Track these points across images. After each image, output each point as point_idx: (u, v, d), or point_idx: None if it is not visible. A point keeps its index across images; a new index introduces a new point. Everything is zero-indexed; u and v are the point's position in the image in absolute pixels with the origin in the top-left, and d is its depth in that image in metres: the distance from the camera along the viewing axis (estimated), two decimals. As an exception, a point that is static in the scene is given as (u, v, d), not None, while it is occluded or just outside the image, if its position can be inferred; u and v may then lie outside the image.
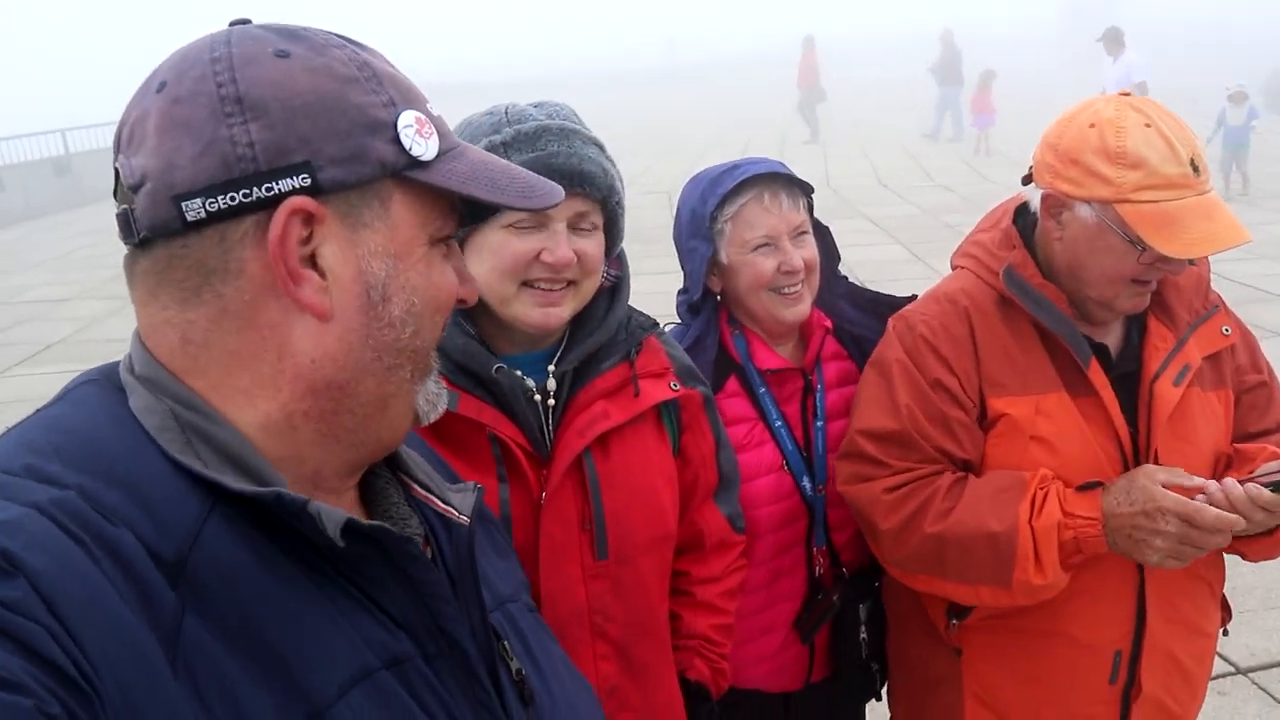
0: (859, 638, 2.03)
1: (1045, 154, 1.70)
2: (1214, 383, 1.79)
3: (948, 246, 7.91)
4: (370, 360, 0.82)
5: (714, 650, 1.80)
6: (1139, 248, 1.59)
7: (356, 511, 0.91)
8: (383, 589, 0.82)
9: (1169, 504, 1.54)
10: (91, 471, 0.73)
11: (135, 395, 0.79)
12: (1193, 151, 1.58)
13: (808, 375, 1.99)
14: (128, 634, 0.66)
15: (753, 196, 1.88)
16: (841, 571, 2.02)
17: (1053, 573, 1.63)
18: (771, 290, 1.90)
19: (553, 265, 1.47)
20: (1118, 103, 1.64)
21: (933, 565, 1.72)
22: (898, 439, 1.75)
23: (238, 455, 0.77)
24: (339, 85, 0.79)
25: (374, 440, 0.87)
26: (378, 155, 0.79)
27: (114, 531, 0.70)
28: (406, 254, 0.83)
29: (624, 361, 1.62)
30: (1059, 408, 1.71)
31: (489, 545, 1.08)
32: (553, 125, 1.50)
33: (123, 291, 3.61)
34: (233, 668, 0.71)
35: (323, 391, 0.81)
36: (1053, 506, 1.63)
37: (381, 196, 0.81)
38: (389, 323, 0.82)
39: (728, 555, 1.82)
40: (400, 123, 0.81)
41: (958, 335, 1.76)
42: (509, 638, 0.97)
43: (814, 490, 1.97)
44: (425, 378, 0.88)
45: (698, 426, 1.75)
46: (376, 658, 0.79)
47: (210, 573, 0.72)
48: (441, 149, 0.84)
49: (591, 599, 1.57)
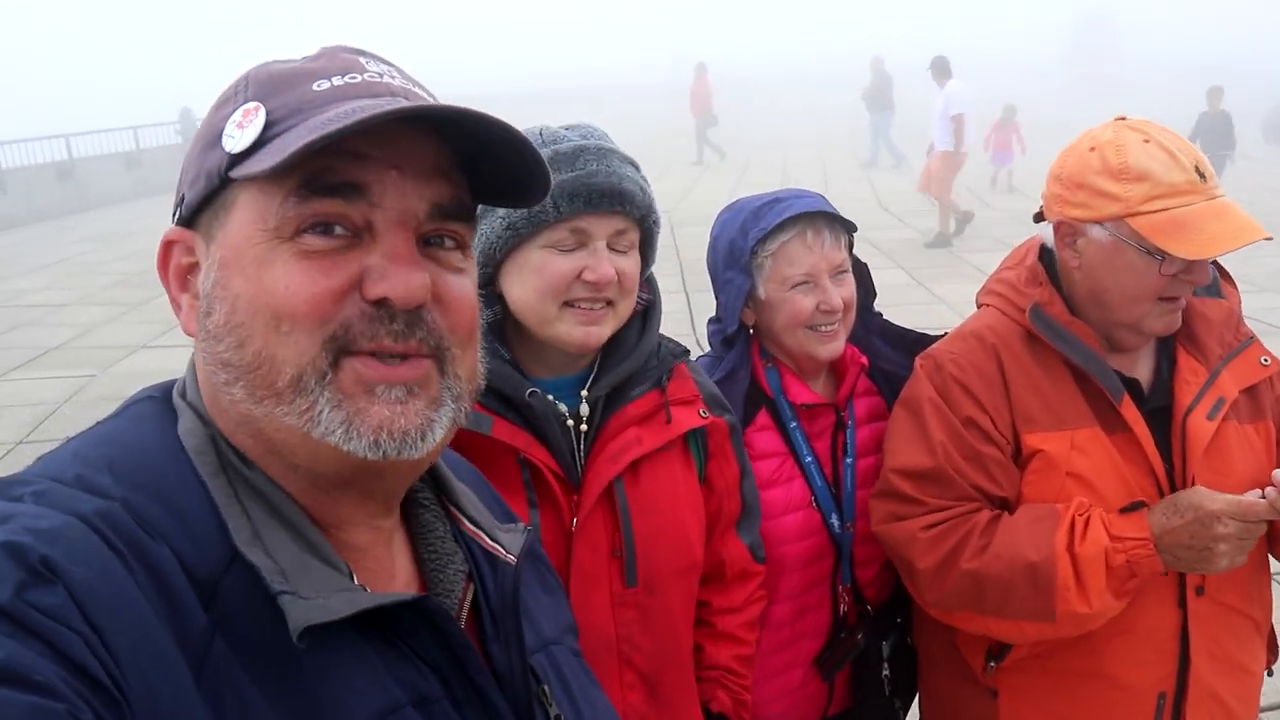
0: (881, 675, 2.01)
1: (1051, 186, 1.72)
2: (1252, 415, 1.76)
3: (949, 272, 7.94)
4: (211, 374, 0.80)
5: (736, 681, 1.78)
6: (1158, 258, 1.58)
7: (396, 545, 0.90)
8: (409, 631, 0.81)
9: (1219, 506, 1.53)
10: (138, 486, 0.74)
11: (183, 417, 0.82)
12: (1195, 159, 1.60)
13: (840, 411, 1.97)
14: (158, 646, 0.67)
15: (796, 234, 1.85)
16: (866, 609, 2.00)
17: (1099, 600, 1.59)
18: (808, 328, 1.88)
19: (595, 283, 1.47)
20: (1114, 125, 1.67)
21: (972, 602, 1.69)
22: (934, 477, 1.73)
23: (259, 489, 0.79)
24: (213, 111, 0.82)
25: (298, 469, 0.79)
26: (209, 166, 0.79)
27: (154, 546, 0.71)
28: (234, 260, 0.77)
29: (655, 388, 1.62)
30: (1093, 443, 1.68)
31: (537, 583, 1.06)
32: (590, 145, 1.50)
33: (121, 298, 3.61)
34: (256, 693, 0.71)
35: (213, 410, 0.82)
36: (1097, 532, 1.60)
37: (226, 205, 0.79)
38: (211, 335, 0.78)
39: (749, 585, 1.81)
40: (228, 124, 0.78)
41: (987, 372, 1.74)
42: (550, 681, 0.95)
43: (841, 527, 1.94)
44: (279, 399, 0.76)
45: (724, 455, 1.74)
46: (404, 695, 0.78)
47: (241, 599, 0.73)
48: (275, 132, 0.76)
49: (620, 627, 1.56)
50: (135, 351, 8.38)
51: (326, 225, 0.76)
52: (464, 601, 0.90)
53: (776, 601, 1.95)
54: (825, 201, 1.90)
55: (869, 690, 2.02)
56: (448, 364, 0.81)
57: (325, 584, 0.75)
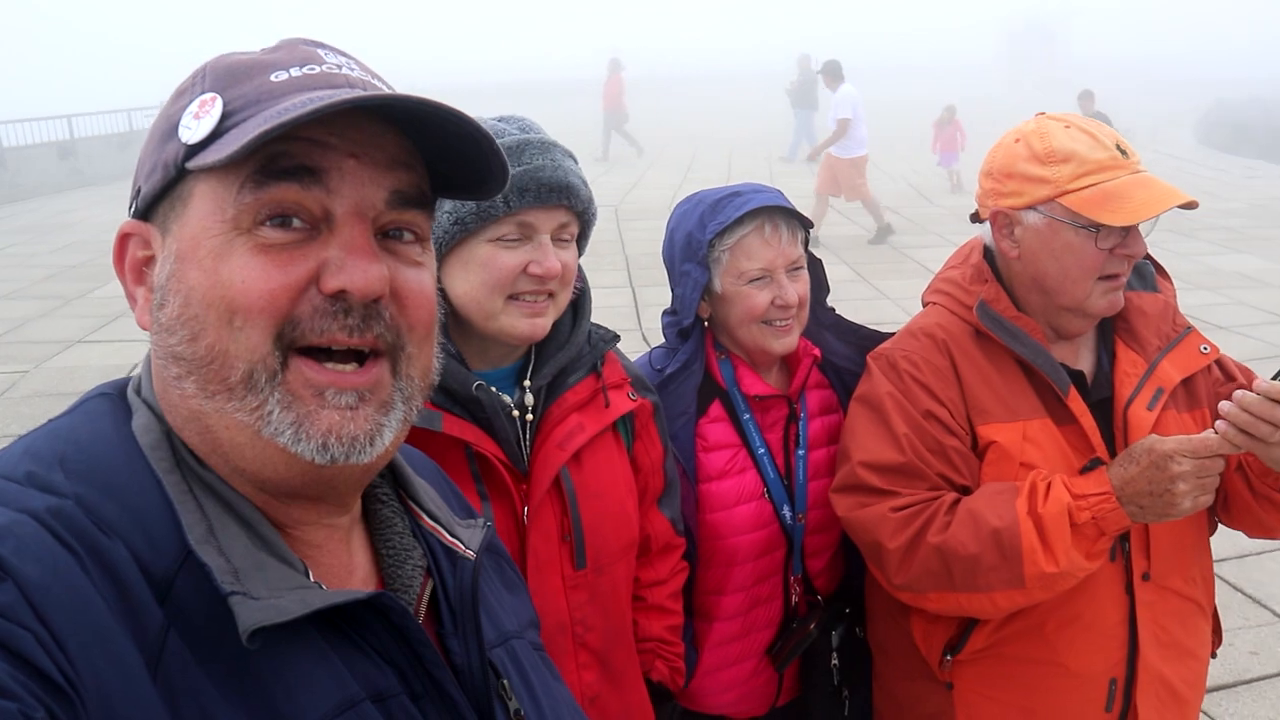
0: (830, 664, 2.03)
1: (983, 182, 1.78)
2: (1189, 405, 1.80)
3: (893, 268, 8.05)
4: (161, 368, 0.79)
5: (670, 650, 1.86)
6: (1092, 230, 1.64)
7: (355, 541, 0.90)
8: (366, 626, 0.81)
9: (1171, 445, 1.56)
10: (91, 482, 0.74)
11: (138, 414, 0.81)
12: (1115, 138, 1.68)
13: (792, 403, 1.99)
14: (113, 644, 0.66)
15: (754, 228, 1.87)
16: (816, 599, 2.03)
17: (1065, 558, 1.61)
18: (763, 323, 1.90)
19: (541, 277, 1.49)
20: (1036, 118, 1.76)
21: (941, 579, 1.69)
22: (902, 470, 1.75)
23: (213, 485, 0.79)
24: (169, 102, 0.81)
25: (246, 472, 0.78)
26: (165, 158, 0.78)
27: (108, 543, 0.70)
28: (190, 252, 0.76)
29: (591, 374, 1.66)
30: (1044, 434, 1.73)
31: (498, 579, 1.06)
32: (533, 139, 1.52)
33: (56, 291, 3.54)
34: (212, 689, 0.70)
35: (164, 406, 0.81)
36: (1059, 492, 1.63)
37: (183, 196, 0.78)
38: (163, 327, 0.77)
39: (672, 557, 1.87)
40: (185, 115, 0.77)
41: (940, 367, 1.78)
42: (510, 676, 0.95)
43: (793, 519, 1.97)
44: (231, 394, 0.75)
45: (649, 435, 1.79)
46: (361, 689, 0.78)
47: (195, 595, 0.72)
48: (232, 123, 0.75)
49: (573, 609, 1.61)
50: (71, 346, 8.17)
51: (284, 218, 0.75)
52: (422, 597, 0.90)
53: (728, 593, 1.97)
54: (783, 197, 1.92)
55: (817, 680, 2.04)
56: (401, 363, 0.80)
57: (279, 582, 0.75)
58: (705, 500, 1.92)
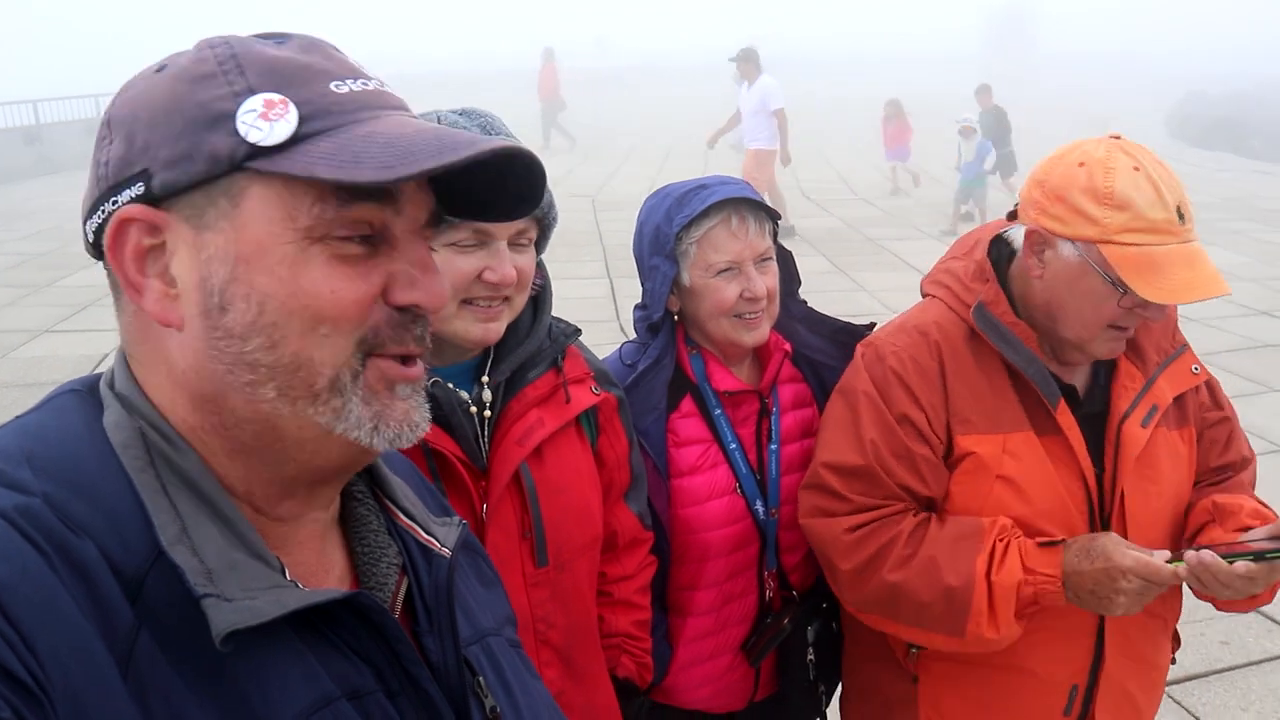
0: (806, 659, 2.03)
1: (1032, 190, 1.68)
2: (1178, 422, 1.79)
3: (870, 260, 8.08)
4: (224, 373, 0.76)
5: (637, 645, 1.85)
6: (1120, 290, 1.57)
7: (331, 539, 0.90)
8: (341, 624, 0.80)
9: (1129, 563, 1.55)
10: (60, 480, 0.72)
11: (109, 410, 0.79)
12: (1179, 199, 1.57)
13: (764, 398, 1.98)
14: (82, 644, 0.66)
15: (720, 220, 1.86)
16: (791, 594, 2.02)
17: (1006, 628, 1.64)
18: (733, 316, 1.89)
19: (497, 284, 1.47)
20: (1108, 145, 1.62)
21: (887, 610, 1.73)
22: (861, 474, 1.74)
23: (193, 481, 0.77)
24: (188, 85, 0.75)
25: (291, 462, 0.80)
26: (210, 151, 0.73)
27: (77, 542, 0.70)
28: (256, 256, 0.74)
29: (551, 369, 1.65)
30: (1026, 447, 1.70)
31: (474, 576, 1.06)
32: None
33: (22, 279, 3.46)
34: (184, 689, 0.70)
35: (201, 404, 0.78)
36: (1013, 563, 1.63)
37: (231, 194, 0.74)
38: (228, 333, 0.75)
39: (639, 552, 1.86)
40: (242, 109, 0.74)
41: (927, 369, 1.74)
42: (485, 673, 0.95)
43: (766, 514, 1.96)
44: (315, 399, 0.76)
45: (614, 429, 1.78)
46: (337, 688, 0.77)
47: (168, 594, 0.71)
48: (308, 130, 0.74)
49: (534, 607, 1.59)
50: (38, 336, 8.05)
51: (357, 232, 0.77)
52: (397, 594, 0.90)
53: (702, 588, 1.96)
54: (750, 189, 1.91)
55: (793, 675, 2.04)
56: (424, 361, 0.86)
57: (254, 581, 0.74)
58: (677, 495, 1.91)
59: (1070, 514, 1.70)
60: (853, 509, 1.75)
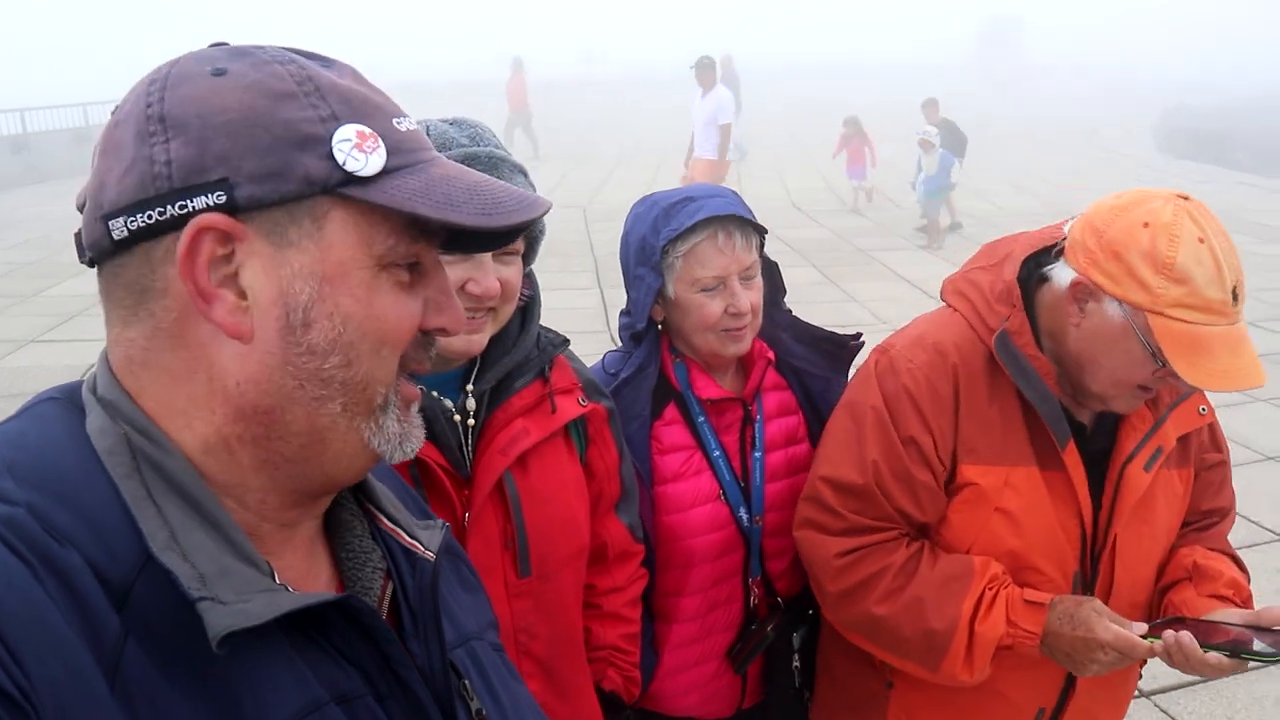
0: (792, 666, 2.04)
1: (1087, 237, 1.59)
2: (1179, 461, 1.78)
3: (860, 270, 8.08)
4: (293, 388, 0.78)
5: (625, 659, 1.85)
6: (1159, 363, 1.53)
7: (318, 545, 0.90)
8: (331, 627, 0.81)
9: (1109, 637, 1.56)
10: (43, 489, 0.72)
11: (92, 415, 0.78)
12: (1237, 279, 1.52)
13: (747, 406, 1.98)
14: (69, 655, 0.66)
15: (707, 236, 1.84)
16: (777, 601, 2.03)
17: (980, 673, 1.67)
18: (719, 331, 1.89)
19: (479, 296, 1.47)
20: (1176, 208, 1.54)
21: (867, 635, 1.76)
22: (859, 493, 1.73)
23: (184, 487, 0.76)
24: (269, 101, 0.76)
25: (320, 474, 0.83)
26: (304, 171, 0.75)
27: (62, 552, 0.69)
28: (339, 277, 0.77)
29: (538, 379, 1.64)
30: (1028, 482, 1.68)
31: (456, 580, 1.06)
32: (480, 153, 1.48)
33: (9, 289, 3.43)
34: (173, 696, 0.70)
35: (251, 416, 0.78)
36: (999, 615, 1.64)
37: (315, 215, 0.76)
38: (310, 349, 0.77)
39: (630, 565, 1.86)
40: (337, 137, 0.77)
41: (941, 393, 1.70)
42: (470, 676, 0.96)
43: (750, 521, 1.96)
44: (370, 415, 0.82)
45: (603, 440, 1.77)
46: (326, 692, 0.78)
47: (156, 601, 0.71)
48: (392, 164, 0.78)
49: (516, 617, 1.58)
50: (24, 346, 8.01)
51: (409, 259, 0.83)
52: (383, 598, 0.91)
53: (686, 595, 1.97)
54: (738, 202, 1.90)
55: (779, 682, 2.05)
56: None
57: (246, 585, 0.74)
58: (661, 502, 1.92)
59: (1063, 550, 1.70)
60: (846, 528, 1.74)
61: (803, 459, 2.02)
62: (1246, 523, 4.78)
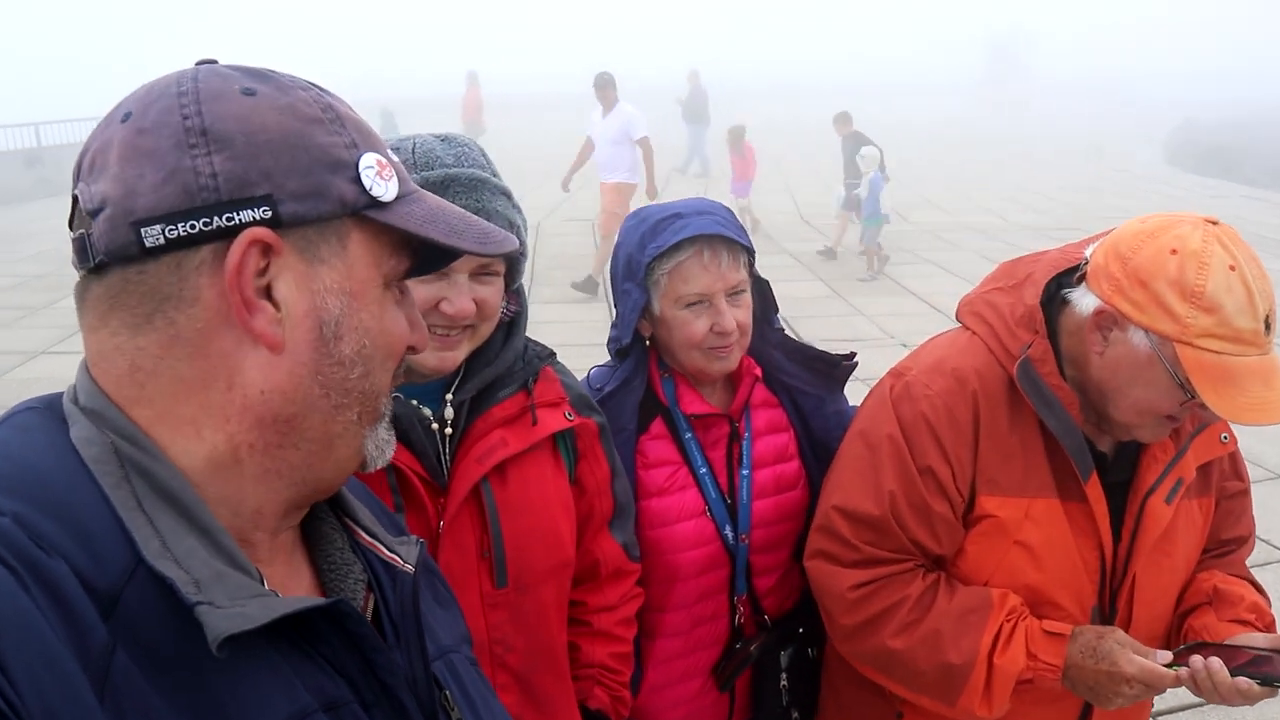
0: (779, 685, 2.02)
1: (1111, 263, 1.53)
2: (1199, 491, 1.73)
3: (867, 285, 8.08)
4: (318, 397, 0.82)
5: (614, 679, 1.82)
6: (1187, 394, 1.48)
7: (297, 554, 0.91)
8: (318, 637, 0.81)
9: (1133, 671, 1.53)
10: (28, 499, 0.72)
11: (76, 425, 0.78)
12: (1270, 307, 1.46)
13: (734, 422, 1.97)
14: (57, 665, 0.65)
15: (693, 254, 1.83)
16: (764, 619, 2.01)
17: (999, 709, 1.62)
18: (705, 349, 1.87)
19: (452, 316, 1.47)
20: (1205, 233, 1.47)
21: (880, 667, 1.71)
22: (874, 524, 1.68)
23: (174, 494, 0.77)
24: (303, 124, 0.80)
25: (316, 479, 0.86)
26: (338, 193, 0.80)
27: (48, 561, 0.69)
28: (362, 294, 0.83)
29: (521, 391, 1.64)
30: (1049, 515, 1.64)
31: (431, 595, 1.08)
32: (461, 175, 1.49)
33: (19, 301, 3.45)
34: (162, 705, 0.70)
35: (270, 424, 0.80)
36: (1018, 648, 1.59)
37: (340, 234, 0.81)
38: (339, 361, 0.82)
39: (624, 583, 1.84)
40: (362, 164, 0.82)
41: (961, 421, 1.64)
42: (450, 687, 0.97)
43: (736, 539, 1.95)
44: (375, 423, 0.87)
45: (593, 456, 1.76)
46: (313, 700, 0.78)
47: (143, 609, 0.72)
48: (400, 192, 0.85)
49: (491, 629, 1.58)
50: (35, 357, 8.06)
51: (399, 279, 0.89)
52: (365, 610, 0.92)
53: (670, 610, 1.96)
54: (728, 220, 1.88)
55: (767, 702, 2.03)
56: None
57: (239, 590, 0.74)
58: (645, 516, 1.91)
59: (1082, 584, 1.66)
60: (860, 559, 1.70)
61: (792, 477, 2.01)
62: (1260, 542, 4.75)
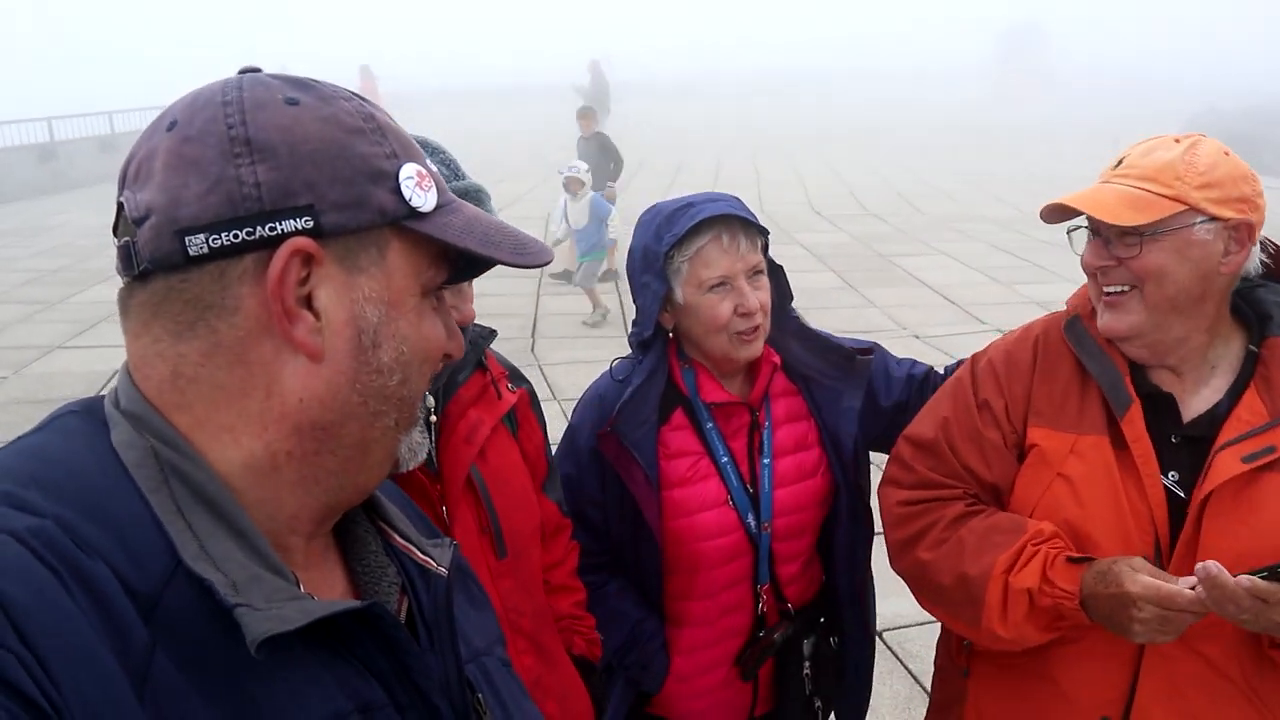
0: (803, 674, 2.03)
1: (1240, 187, 1.59)
2: None
3: (880, 276, 8.05)
4: (356, 404, 0.82)
5: (582, 624, 1.94)
6: None
7: (332, 558, 0.92)
8: (353, 639, 0.82)
9: (1138, 590, 1.45)
10: (69, 502, 0.73)
11: (117, 429, 0.79)
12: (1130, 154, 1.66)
13: (754, 411, 1.98)
14: (98, 666, 0.66)
15: (712, 237, 1.87)
16: (787, 608, 2.02)
17: (1015, 630, 1.59)
18: (731, 333, 1.89)
19: (460, 322, 1.51)
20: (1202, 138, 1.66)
21: (920, 586, 1.76)
22: (929, 448, 1.78)
23: (212, 498, 0.77)
24: (345, 135, 0.81)
25: (352, 485, 0.87)
26: (379, 204, 0.81)
27: (90, 563, 0.70)
28: (400, 303, 0.84)
29: (477, 369, 1.72)
30: (1095, 451, 1.63)
31: (464, 598, 1.08)
32: (470, 187, 1.54)
33: (35, 296, 3.47)
34: (201, 706, 0.71)
35: (308, 432, 0.81)
36: (1034, 569, 1.58)
37: (379, 244, 0.82)
38: (377, 369, 0.83)
39: (563, 538, 1.94)
40: (402, 174, 0.83)
41: (1020, 361, 1.77)
42: (483, 690, 0.98)
43: (758, 528, 1.96)
44: (410, 428, 0.89)
45: (529, 423, 1.86)
46: (349, 703, 0.79)
47: (183, 610, 0.72)
48: (439, 203, 0.85)
49: (503, 597, 1.65)
50: (50, 352, 8.11)
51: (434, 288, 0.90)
52: (399, 613, 0.92)
53: (695, 599, 1.97)
54: (740, 205, 1.92)
55: (790, 691, 2.04)
56: None
57: (276, 593, 0.75)
58: (669, 507, 1.93)
59: (1129, 530, 1.60)
60: (915, 481, 1.78)
61: (812, 464, 2.02)
62: None
